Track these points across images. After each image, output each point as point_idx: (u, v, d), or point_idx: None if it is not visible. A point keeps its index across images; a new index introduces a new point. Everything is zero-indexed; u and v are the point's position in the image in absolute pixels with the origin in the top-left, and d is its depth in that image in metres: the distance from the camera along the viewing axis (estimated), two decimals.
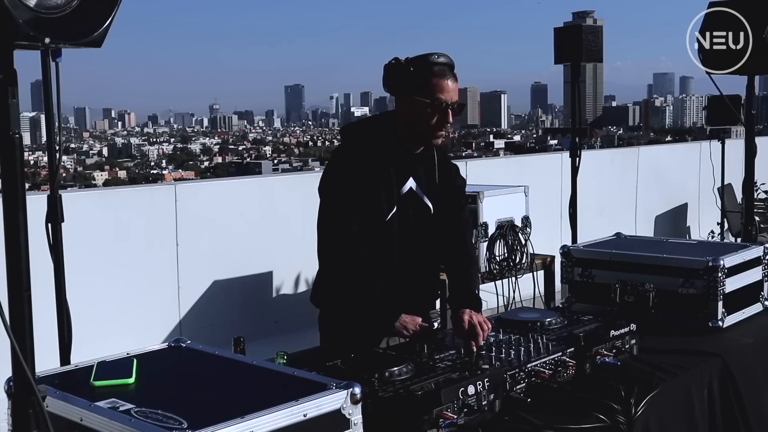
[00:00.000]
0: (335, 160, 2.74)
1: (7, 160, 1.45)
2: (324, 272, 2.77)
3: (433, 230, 2.77)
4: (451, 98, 2.61)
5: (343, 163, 2.68)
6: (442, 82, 2.59)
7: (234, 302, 5.30)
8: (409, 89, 2.62)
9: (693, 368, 2.59)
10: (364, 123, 2.90)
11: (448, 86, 2.60)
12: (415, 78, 2.59)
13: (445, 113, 2.62)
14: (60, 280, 3.00)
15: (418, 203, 2.74)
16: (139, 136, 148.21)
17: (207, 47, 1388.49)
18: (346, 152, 2.71)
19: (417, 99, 2.59)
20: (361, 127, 2.87)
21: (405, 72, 2.60)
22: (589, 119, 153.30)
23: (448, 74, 2.61)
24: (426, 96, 2.59)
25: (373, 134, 2.70)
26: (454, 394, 1.96)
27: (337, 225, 2.62)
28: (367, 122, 2.90)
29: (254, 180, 7.07)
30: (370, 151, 2.64)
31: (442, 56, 2.62)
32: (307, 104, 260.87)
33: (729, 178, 7.89)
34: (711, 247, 3.74)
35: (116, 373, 1.79)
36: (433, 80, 2.58)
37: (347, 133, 2.84)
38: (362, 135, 2.74)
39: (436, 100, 2.58)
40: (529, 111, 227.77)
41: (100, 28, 1.49)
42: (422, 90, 2.59)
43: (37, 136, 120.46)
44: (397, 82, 2.64)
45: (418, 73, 2.59)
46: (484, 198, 4.53)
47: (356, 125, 2.92)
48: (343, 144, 2.78)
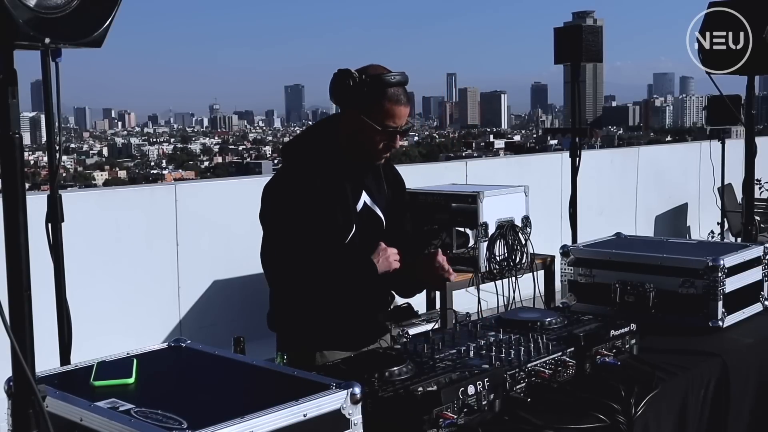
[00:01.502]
0: (281, 182, 2.56)
1: (7, 160, 1.45)
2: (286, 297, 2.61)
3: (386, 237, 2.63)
4: (400, 124, 2.50)
5: (291, 185, 2.51)
6: (395, 108, 2.46)
7: (234, 302, 5.30)
8: (358, 108, 2.47)
9: (693, 368, 2.59)
10: (306, 138, 2.70)
11: (401, 112, 2.48)
12: (367, 98, 2.45)
13: (394, 138, 2.51)
14: (60, 280, 3.00)
15: (373, 218, 2.63)
16: (139, 136, 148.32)
17: (207, 47, 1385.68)
18: (292, 173, 2.55)
19: (366, 121, 2.46)
20: (303, 143, 2.67)
21: (357, 89, 2.45)
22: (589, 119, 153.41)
23: (402, 99, 2.47)
24: (376, 120, 2.46)
25: (319, 150, 2.55)
26: (454, 394, 1.96)
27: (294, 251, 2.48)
28: (309, 137, 2.69)
29: (254, 180, 7.04)
30: (320, 168, 2.50)
31: (398, 75, 2.47)
32: (307, 104, 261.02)
33: (729, 178, 7.90)
34: (711, 247, 3.74)
35: (116, 373, 1.79)
36: (386, 105, 2.45)
37: (290, 152, 2.64)
38: (307, 152, 2.58)
39: (386, 127, 2.48)
40: (529, 111, 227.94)
41: (100, 28, 1.49)
42: (373, 113, 2.46)
43: (37, 136, 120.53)
44: (346, 96, 2.49)
45: (371, 94, 2.45)
46: (484, 198, 4.53)
47: (297, 142, 2.71)
48: (288, 165, 2.61)
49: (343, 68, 2.48)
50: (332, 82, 2.50)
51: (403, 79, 2.50)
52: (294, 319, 2.60)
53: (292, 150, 2.66)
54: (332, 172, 2.52)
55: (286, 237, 2.51)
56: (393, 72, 2.48)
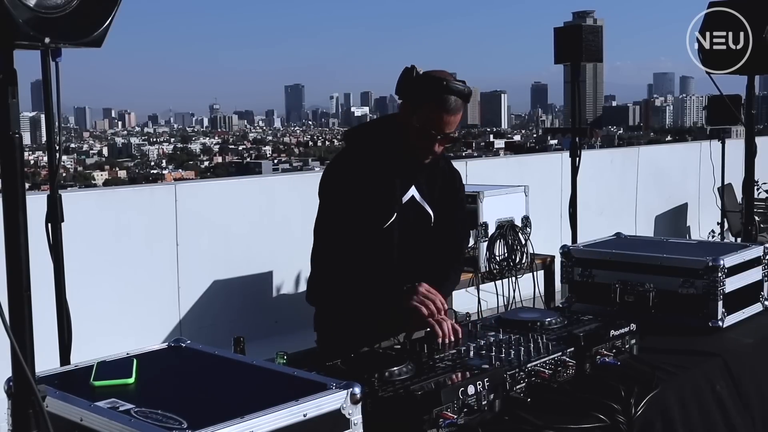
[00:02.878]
0: (337, 164, 2.69)
1: (7, 160, 1.45)
2: (320, 274, 2.73)
3: (432, 239, 2.73)
4: (443, 131, 2.52)
5: (345, 168, 2.64)
6: (440, 115, 2.49)
7: (234, 302, 5.30)
8: (411, 103, 2.54)
9: (693, 368, 2.59)
10: (369, 128, 2.85)
11: (445, 120, 2.50)
12: (419, 97, 2.51)
13: (432, 142, 2.55)
14: (60, 280, 3.00)
15: (420, 211, 2.70)
16: (139, 136, 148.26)
17: (207, 47, 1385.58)
18: (349, 157, 2.67)
19: (411, 116, 2.53)
20: (365, 132, 2.82)
21: (413, 83, 2.51)
22: (589, 119, 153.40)
23: (452, 107, 2.49)
24: (420, 121, 2.51)
25: (378, 140, 2.65)
26: (454, 394, 1.96)
27: (336, 230, 2.59)
28: (372, 127, 2.84)
29: (254, 180, 7.07)
30: (374, 157, 2.60)
31: (458, 84, 2.49)
32: (307, 104, 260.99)
33: (729, 178, 7.90)
34: (711, 247, 3.74)
35: (116, 373, 1.79)
36: (434, 109, 2.49)
37: (351, 138, 2.76)
38: (367, 140, 2.70)
39: (426, 128, 2.51)
40: (529, 111, 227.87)
41: (100, 28, 1.49)
42: (419, 111, 2.51)
43: (37, 136, 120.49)
44: (405, 89, 2.55)
45: (425, 94, 2.50)
46: (484, 198, 4.53)
47: (360, 130, 2.87)
48: (347, 149, 2.72)
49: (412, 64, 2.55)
50: (400, 75, 2.56)
51: (463, 89, 2.50)
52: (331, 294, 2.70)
53: (354, 136, 2.76)
54: (384, 163, 2.59)
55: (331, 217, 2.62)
56: (456, 80, 2.50)
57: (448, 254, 2.82)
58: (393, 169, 2.61)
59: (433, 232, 2.75)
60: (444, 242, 2.78)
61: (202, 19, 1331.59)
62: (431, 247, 2.75)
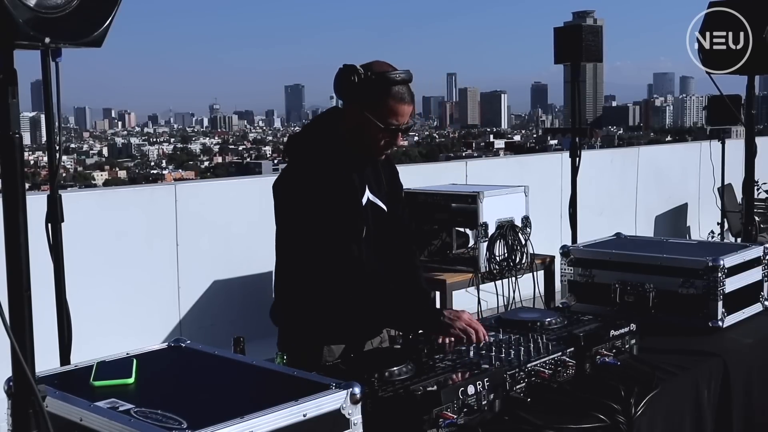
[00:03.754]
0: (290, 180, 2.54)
1: (7, 160, 1.45)
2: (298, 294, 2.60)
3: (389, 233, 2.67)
4: (403, 122, 2.50)
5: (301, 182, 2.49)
6: (399, 107, 2.45)
7: (234, 302, 5.30)
8: (362, 104, 2.47)
9: (693, 368, 2.59)
10: (309, 133, 2.68)
11: (404, 110, 2.47)
12: (371, 95, 2.45)
13: (396, 136, 2.52)
14: (60, 280, 3.00)
15: (377, 210, 2.64)
16: (139, 136, 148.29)
17: (207, 47, 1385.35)
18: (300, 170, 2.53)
19: (369, 117, 2.46)
20: (307, 138, 2.65)
21: (361, 85, 2.44)
22: (589, 119, 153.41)
23: (405, 97, 2.47)
24: (379, 118, 2.46)
25: (323, 144, 2.54)
26: (454, 394, 1.96)
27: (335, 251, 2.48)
28: (312, 132, 2.68)
29: (254, 180, 7.05)
30: (325, 163, 2.49)
31: (402, 73, 2.47)
32: (307, 104, 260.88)
33: (729, 178, 7.90)
34: (711, 247, 3.74)
35: (116, 373, 1.79)
36: (390, 103, 2.44)
37: (295, 149, 2.61)
38: (312, 147, 2.56)
39: (389, 125, 2.47)
40: (529, 111, 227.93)
41: (100, 28, 1.49)
42: (377, 110, 2.45)
43: (37, 136, 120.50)
44: (350, 92, 2.47)
45: (376, 91, 2.44)
46: (484, 198, 4.53)
47: (301, 137, 2.69)
48: (294, 161, 2.59)
49: (348, 64, 2.48)
50: (336, 77, 2.50)
51: (408, 77, 2.49)
52: (300, 314, 2.60)
53: (296, 145, 2.64)
54: (338, 166, 2.51)
55: (298, 233, 2.53)
56: (397, 70, 2.48)
57: (406, 243, 2.76)
58: (348, 170, 2.53)
59: (389, 222, 2.68)
60: (398, 230, 2.72)
61: (202, 19, 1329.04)
62: (389, 240, 2.68)
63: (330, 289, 2.51)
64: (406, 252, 2.77)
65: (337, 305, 2.53)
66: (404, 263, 2.74)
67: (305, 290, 2.57)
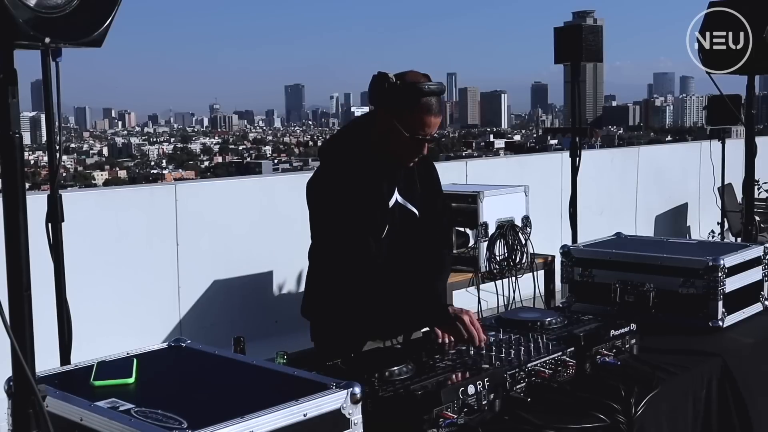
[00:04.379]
0: (322, 182, 2.64)
1: (7, 160, 1.45)
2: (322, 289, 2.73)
3: (420, 232, 2.74)
4: (430, 133, 2.54)
5: (332, 185, 2.58)
6: (427, 118, 2.51)
7: (234, 302, 5.30)
8: (392, 111, 2.53)
9: (693, 368, 2.59)
10: (341, 140, 2.77)
11: (431, 122, 2.52)
12: (401, 104, 2.50)
13: (421, 146, 2.56)
14: (60, 280, 3.00)
15: (405, 213, 2.71)
16: (139, 136, 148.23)
17: (207, 47, 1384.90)
18: (331, 174, 2.62)
19: (396, 125, 2.52)
20: (339, 145, 2.74)
21: (392, 93, 2.50)
22: (589, 119, 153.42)
23: (434, 108, 2.51)
24: (406, 127, 2.51)
25: (354, 151, 2.61)
26: (454, 394, 1.96)
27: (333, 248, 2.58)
28: (343, 138, 2.76)
29: (254, 180, 7.06)
30: (357, 170, 2.57)
31: (434, 85, 2.52)
32: (307, 104, 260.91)
33: (729, 178, 7.89)
34: (711, 247, 3.74)
35: (116, 373, 1.79)
36: (418, 113, 2.50)
37: (327, 155, 2.72)
38: (343, 154, 2.64)
39: (415, 134, 2.52)
40: (529, 111, 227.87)
41: (100, 28, 1.49)
42: (405, 119, 2.51)
43: (37, 136, 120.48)
44: (381, 98, 2.54)
45: (407, 100, 2.49)
46: (484, 198, 4.53)
47: (334, 144, 2.78)
48: (327, 166, 2.68)
49: (381, 71, 2.54)
50: (370, 83, 2.57)
51: (438, 89, 2.54)
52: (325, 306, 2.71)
53: (329, 151, 2.73)
54: (367, 171, 2.58)
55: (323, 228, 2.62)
56: (430, 81, 2.52)
57: (438, 243, 2.83)
58: (377, 178, 2.61)
59: (421, 225, 2.75)
60: (433, 232, 2.79)
61: (201, 19, 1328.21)
62: (421, 240, 2.75)
63: (347, 282, 2.59)
64: (433, 255, 2.81)
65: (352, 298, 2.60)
66: (429, 266, 2.78)
67: (329, 283, 2.67)
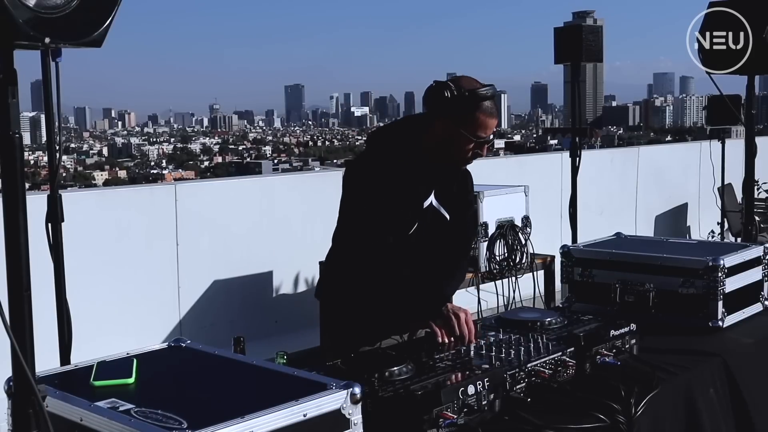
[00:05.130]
0: (361, 167, 2.72)
1: (7, 160, 1.45)
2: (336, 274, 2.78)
3: (445, 238, 2.78)
4: (490, 134, 2.64)
5: (370, 172, 2.65)
6: (488, 121, 2.59)
7: (234, 302, 5.31)
8: (452, 118, 2.58)
9: (693, 368, 2.59)
10: (392, 132, 2.85)
11: (492, 123, 2.61)
12: (461, 110, 2.57)
13: (483, 147, 2.64)
14: (60, 280, 3.00)
15: (437, 215, 2.75)
16: (139, 136, 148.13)
17: (207, 47, 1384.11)
18: (373, 161, 2.69)
19: (458, 130, 2.58)
20: (388, 136, 2.81)
21: (454, 101, 2.56)
22: (589, 119, 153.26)
23: (494, 111, 2.60)
24: (469, 131, 2.58)
25: (402, 146, 2.68)
26: (454, 394, 1.96)
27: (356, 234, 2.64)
28: (395, 131, 2.82)
29: (254, 180, 7.06)
30: (399, 164, 2.63)
31: (490, 89, 2.60)
32: (307, 104, 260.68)
33: (729, 178, 7.89)
34: (711, 247, 3.74)
35: (116, 373, 1.79)
36: (481, 117, 2.57)
37: (374, 141, 2.80)
38: (390, 146, 2.71)
39: (479, 138, 2.60)
40: (529, 111, 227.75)
41: (100, 28, 1.49)
42: (466, 124, 2.57)
43: (37, 136, 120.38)
44: (442, 106, 2.59)
45: (467, 106, 2.56)
46: (484, 198, 4.53)
47: (384, 133, 2.89)
48: (371, 152, 2.75)
49: (439, 80, 2.61)
50: (428, 92, 2.62)
51: (494, 92, 2.62)
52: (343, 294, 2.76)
53: (377, 139, 2.82)
54: (408, 169, 2.63)
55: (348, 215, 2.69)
56: (486, 86, 2.60)
57: (457, 253, 2.85)
58: (417, 177, 2.66)
59: (450, 229, 2.79)
60: (455, 241, 2.82)
61: (202, 19, 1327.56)
62: (442, 246, 2.79)
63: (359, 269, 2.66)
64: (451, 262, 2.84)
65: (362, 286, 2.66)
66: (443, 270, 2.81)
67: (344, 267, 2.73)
